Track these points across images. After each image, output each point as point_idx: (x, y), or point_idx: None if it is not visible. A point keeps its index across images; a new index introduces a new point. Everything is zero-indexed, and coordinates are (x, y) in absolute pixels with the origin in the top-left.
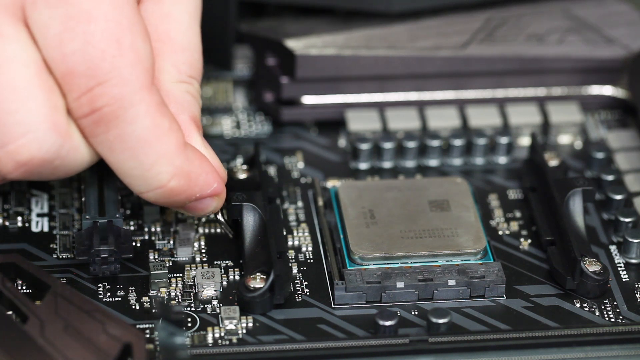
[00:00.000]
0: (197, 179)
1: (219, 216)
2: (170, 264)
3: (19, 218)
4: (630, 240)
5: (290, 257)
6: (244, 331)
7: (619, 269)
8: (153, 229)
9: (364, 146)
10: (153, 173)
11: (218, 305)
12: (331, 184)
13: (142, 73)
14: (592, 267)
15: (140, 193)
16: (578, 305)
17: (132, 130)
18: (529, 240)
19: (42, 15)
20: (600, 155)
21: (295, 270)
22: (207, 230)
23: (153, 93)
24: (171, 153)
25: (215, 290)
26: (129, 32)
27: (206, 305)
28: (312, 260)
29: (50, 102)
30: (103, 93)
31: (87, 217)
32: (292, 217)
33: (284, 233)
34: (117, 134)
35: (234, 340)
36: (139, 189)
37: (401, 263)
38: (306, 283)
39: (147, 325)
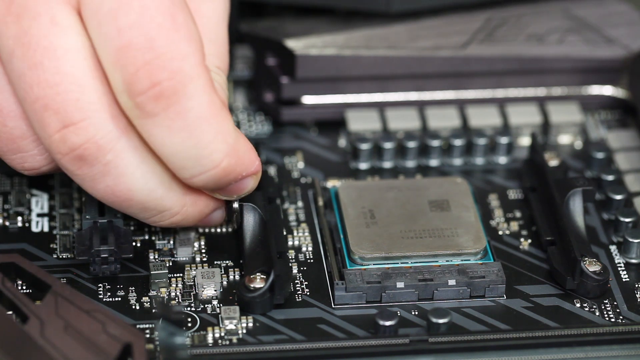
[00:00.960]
0: (244, 157)
1: (235, 205)
2: (171, 264)
3: (19, 218)
4: (631, 240)
5: (290, 257)
6: (244, 331)
7: (619, 269)
8: (153, 229)
9: (364, 146)
10: (209, 152)
11: (218, 305)
12: (331, 184)
13: (197, 49)
14: (592, 267)
15: (192, 177)
16: (578, 305)
17: (192, 106)
18: (529, 240)
19: None
20: (600, 155)
21: (295, 270)
22: (207, 230)
23: (207, 70)
24: (226, 131)
25: (215, 290)
26: (181, 10)
27: (206, 305)
28: (312, 260)
29: (111, 95)
30: (162, 66)
31: (87, 217)
32: (292, 217)
33: (284, 233)
34: (177, 110)
35: (234, 340)
36: (192, 172)
37: (401, 263)
38: (306, 283)
39: (147, 325)
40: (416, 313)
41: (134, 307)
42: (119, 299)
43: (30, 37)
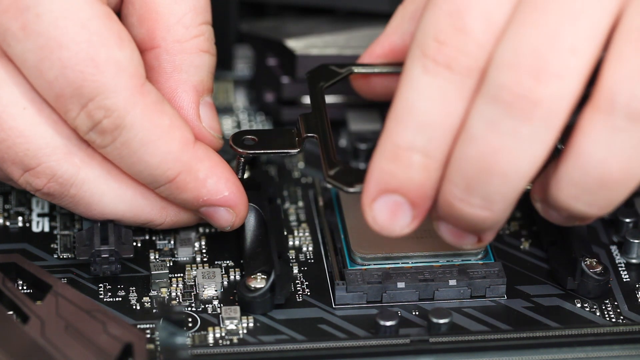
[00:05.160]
0: (205, 179)
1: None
2: (171, 264)
3: (20, 218)
4: (631, 240)
5: (290, 257)
6: (245, 331)
7: (620, 269)
8: (154, 229)
9: (365, 146)
10: (160, 171)
11: (219, 305)
12: None
13: (127, 80)
14: (592, 267)
15: (155, 190)
16: (579, 305)
17: (134, 135)
18: (530, 240)
19: (17, 50)
20: None
21: (295, 271)
22: (207, 230)
23: (146, 94)
24: (176, 150)
25: (215, 290)
26: (102, 47)
27: (207, 305)
28: (312, 261)
29: (61, 134)
30: (97, 107)
31: None
32: (292, 217)
33: (285, 233)
34: (122, 141)
35: (235, 340)
36: (152, 186)
37: (402, 263)
38: (307, 283)
39: (147, 325)
40: (417, 313)
41: (134, 307)
42: (120, 299)
43: None
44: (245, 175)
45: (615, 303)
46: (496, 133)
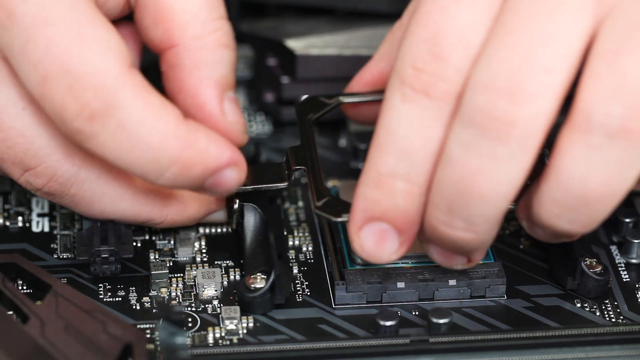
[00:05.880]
0: (207, 148)
1: (236, 205)
2: (171, 264)
3: (20, 218)
4: (631, 240)
5: (290, 257)
6: (245, 331)
7: (620, 269)
8: (153, 229)
9: (365, 146)
10: (162, 151)
11: (219, 305)
12: (332, 183)
13: (113, 60)
14: (592, 267)
15: (159, 180)
16: (579, 305)
17: (127, 115)
18: (530, 240)
19: (4, 39)
20: None
21: (295, 270)
22: (207, 230)
23: (133, 76)
24: (174, 126)
25: (215, 290)
26: (89, 23)
27: (207, 305)
28: (312, 260)
29: (61, 134)
30: (84, 86)
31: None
32: (292, 217)
33: (285, 233)
34: (115, 124)
35: (235, 340)
36: (156, 175)
37: (402, 263)
38: (307, 283)
39: (147, 325)
40: (417, 313)
41: (134, 307)
42: (120, 299)
43: None
44: None
45: (615, 303)
46: (473, 155)
